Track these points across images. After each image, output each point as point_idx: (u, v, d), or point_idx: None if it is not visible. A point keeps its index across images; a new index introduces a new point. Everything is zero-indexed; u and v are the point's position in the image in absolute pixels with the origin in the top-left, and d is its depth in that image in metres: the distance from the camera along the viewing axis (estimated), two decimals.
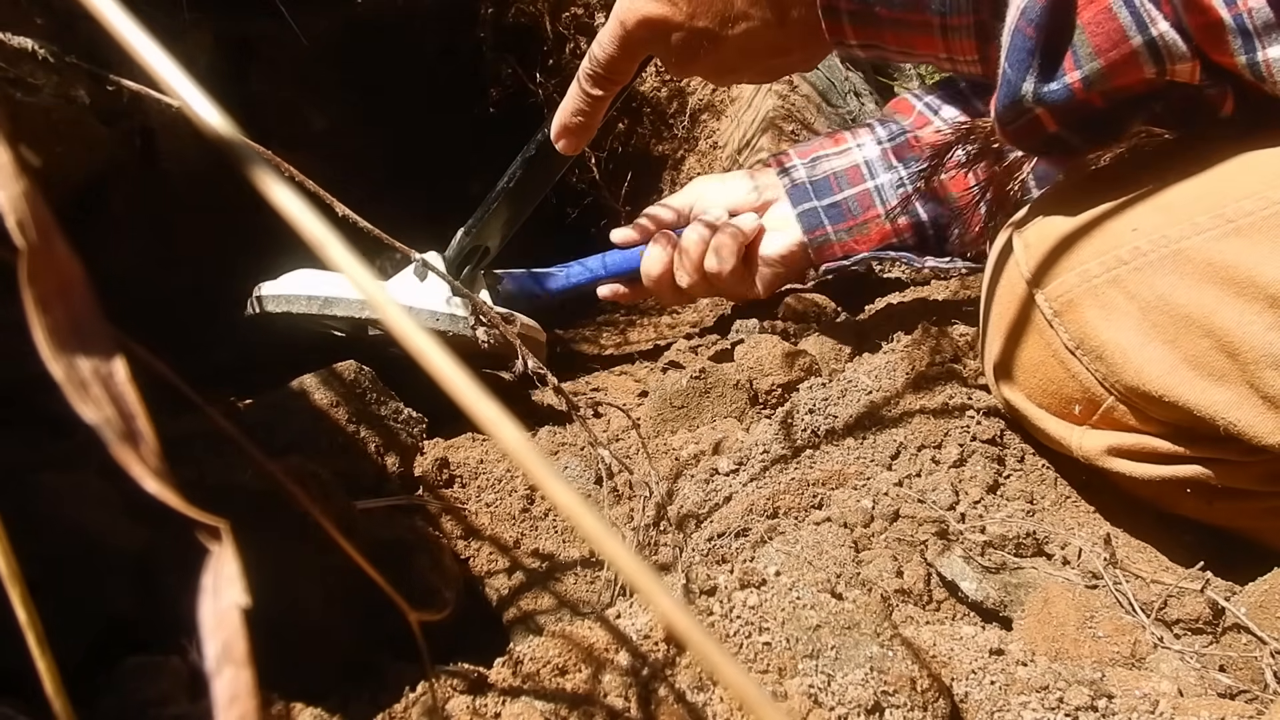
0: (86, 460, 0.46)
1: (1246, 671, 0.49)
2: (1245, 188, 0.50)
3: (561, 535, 0.67)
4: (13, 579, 0.18)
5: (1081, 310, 0.55)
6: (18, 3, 0.68)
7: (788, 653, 0.39)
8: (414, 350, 0.17)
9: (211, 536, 0.17)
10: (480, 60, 1.38)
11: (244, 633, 0.16)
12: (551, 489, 0.17)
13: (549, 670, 0.39)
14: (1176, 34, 0.49)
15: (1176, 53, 0.49)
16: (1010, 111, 0.55)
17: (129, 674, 0.35)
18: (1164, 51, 0.50)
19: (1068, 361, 0.58)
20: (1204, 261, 0.50)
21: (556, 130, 0.73)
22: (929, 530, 0.58)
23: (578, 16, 1.35)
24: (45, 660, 0.18)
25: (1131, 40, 0.50)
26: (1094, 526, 0.62)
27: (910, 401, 0.70)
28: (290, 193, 0.19)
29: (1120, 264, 0.54)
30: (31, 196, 0.17)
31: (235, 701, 0.16)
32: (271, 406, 0.66)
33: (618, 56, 0.66)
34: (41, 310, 0.16)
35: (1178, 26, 0.49)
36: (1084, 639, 0.49)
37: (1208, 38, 0.48)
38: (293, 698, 0.37)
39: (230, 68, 1.12)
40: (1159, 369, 0.52)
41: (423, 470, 0.71)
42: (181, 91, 0.20)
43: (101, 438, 0.16)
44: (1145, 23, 0.49)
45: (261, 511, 0.46)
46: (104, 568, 0.41)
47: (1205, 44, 0.48)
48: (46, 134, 0.71)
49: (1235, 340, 0.49)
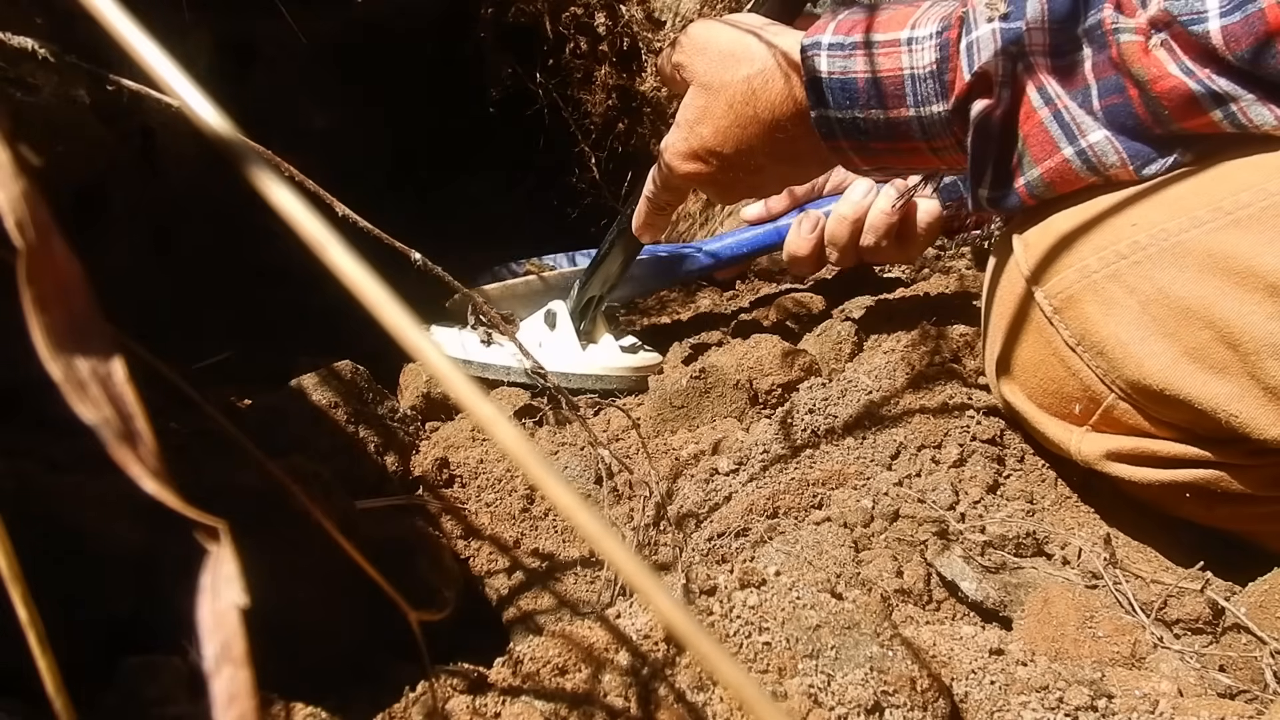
0: (87, 461, 0.46)
1: (1246, 671, 0.49)
2: (1243, 181, 0.50)
3: (561, 535, 0.67)
4: (13, 579, 0.18)
5: (1081, 306, 0.55)
6: (17, 3, 0.68)
7: (788, 653, 0.39)
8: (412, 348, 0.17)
9: (210, 537, 0.17)
10: (480, 60, 1.38)
11: (243, 632, 0.16)
12: (551, 489, 0.17)
13: (549, 670, 0.39)
14: (1108, 142, 0.54)
15: (1107, 161, 0.54)
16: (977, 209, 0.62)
17: (129, 674, 0.35)
18: (1095, 161, 0.55)
19: (1068, 359, 0.57)
20: (1203, 253, 0.50)
21: (636, 230, 0.88)
22: (929, 530, 0.58)
23: (578, 16, 1.35)
24: (45, 660, 0.18)
25: (1063, 150, 0.55)
26: (1094, 526, 0.62)
27: (910, 401, 0.70)
28: (290, 193, 0.19)
29: (1119, 259, 0.54)
30: (31, 197, 0.17)
31: (234, 701, 0.16)
32: (271, 407, 0.66)
33: (668, 194, 0.82)
34: (40, 310, 0.16)
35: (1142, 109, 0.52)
36: (1084, 639, 0.49)
37: (1177, 107, 0.51)
38: (293, 698, 0.37)
39: (230, 68, 1.12)
40: (1160, 363, 0.52)
41: (423, 470, 0.71)
42: (181, 91, 0.20)
43: (100, 438, 0.16)
44: (1074, 134, 0.55)
45: (261, 511, 0.46)
46: (104, 568, 0.42)
47: (1176, 114, 0.51)
48: (46, 134, 0.71)
49: (1236, 331, 0.49)
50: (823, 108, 0.64)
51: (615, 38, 1.36)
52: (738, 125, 0.70)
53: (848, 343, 0.87)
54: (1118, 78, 0.53)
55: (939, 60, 0.59)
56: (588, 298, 0.99)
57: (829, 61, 0.62)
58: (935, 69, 0.59)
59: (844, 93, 0.62)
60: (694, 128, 0.73)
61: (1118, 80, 0.53)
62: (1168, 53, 0.51)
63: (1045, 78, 0.55)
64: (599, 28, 1.35)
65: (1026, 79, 0.55)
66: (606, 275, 0.96)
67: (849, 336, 0.88)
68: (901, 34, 0.61)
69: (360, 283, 0.18)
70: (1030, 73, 0.55)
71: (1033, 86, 0.55)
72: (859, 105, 0.62)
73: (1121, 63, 0.52)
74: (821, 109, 0.64)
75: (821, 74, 0.63)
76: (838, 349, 0.87)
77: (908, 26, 0.61)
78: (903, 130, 0.62)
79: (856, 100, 0.62)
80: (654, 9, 1.36)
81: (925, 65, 0.59)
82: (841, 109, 0.63)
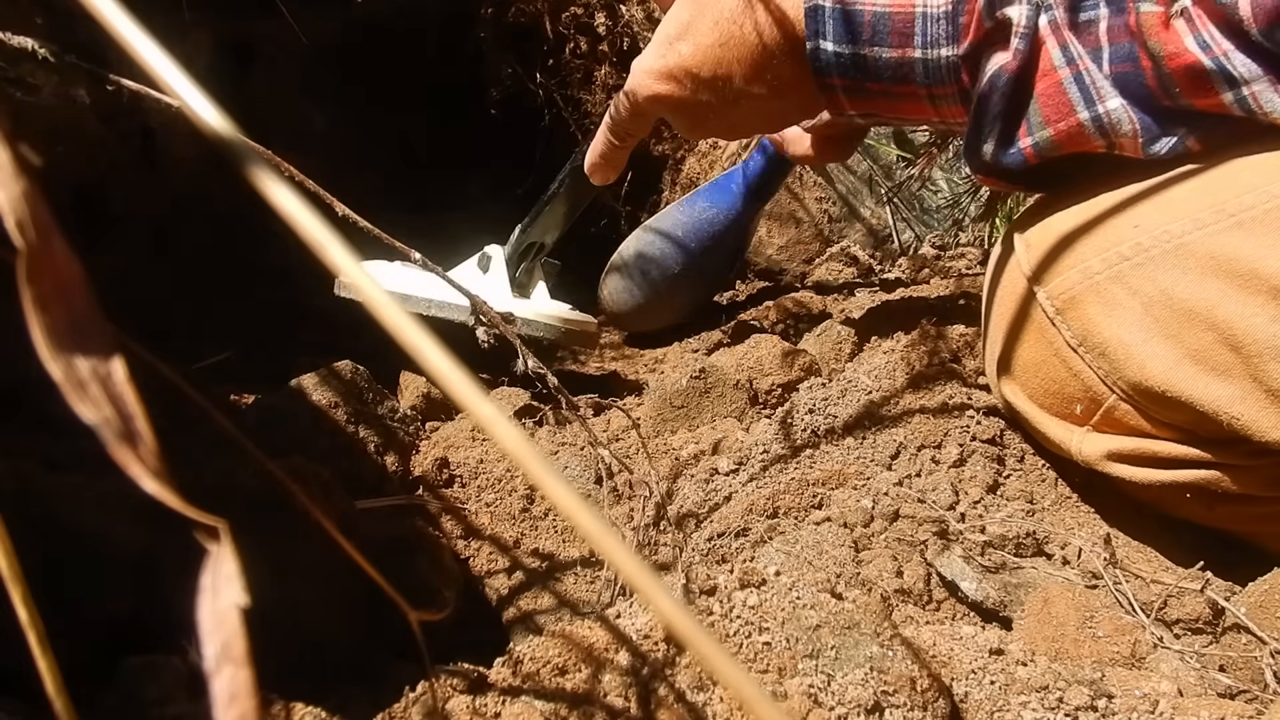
0: (87, 461, 0.46)
1: (1246, 671, 0.49)
2: (1246, 183, 0.50)
3: (561, 535, 0.67)
4: (13, 579, 0.18)
5: (1084, 307, 0.55)
6: (17, 3, 0.68)
7: (788, 653, 0.39)
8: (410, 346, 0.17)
9: (210, 536, 0.17)
10: (480, 60, 1.38)
11: (243, 632, 0.16)
12: (551, 489, 0.17)
13: (549, 670, 0.39)
14: (1124, 110, 0.52)
15: (1121, 130, 0.53)
16: (975, 165, 0.59)
17: (129, 674, 0.35)
18: (1109, 127, 0.53)
19: (1069, 359, 0.57)
20: (1206, 255, 0.50)
21: (588, 167, 0.79)
22: (929, 530, 0.58)
23: (578, 16, 1.35)
24: (45, 660, 0.18)
25: (1079, 114, 0.53)
26: (1094, 526, 0.62)
27: (910, 401, 0.70)
28: (289, 192, 0.19)
29: (1122, 260, 0.54)
30: (31, 196, 0.17)
31: (234, 701, 0.16)
32: (271, 407, 0.66)
33: (632, 121, 0.73)
34: (40, 310, 0.16)
35: (1153, 81, 0.51)
36: (1084, 639, 0.49)
37: (1189, 84, 0.50)
38: (293, 698, 0.37)
39: (230, 68, 1.12)
40: (1162, 364, 0.52)
41: (423, 470, 0.71)
42: (181, 91, 0.20)
43: (100, 438, 0.16)
44: (1093, 99, 0.53)
45: (262, 511, 0.46)
46: (104, 568, 0.41)
47: (1187, 91, 0.50)
48: (46, 134, 0.71)
49: (1238, 333, 0.49)
50: (820, 39, 0.59)
51: (615, 38, 1.36)
52: (720, 44, 0.63)
53: (848, 343, 0.87)
54: (1131, 45, 0.51)
55: (955, 1, 0.55)
56: (528, 243, 0.90)
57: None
58: (950, 9, 0.55)
59: (846, 25, 0.58)
60: (673, 44, 0.65)
61: (1131, 48, 0.51)
62: (1187, 24, 0.49)
63: (1068, 35, 0.53)
64: (599, 28, 1.35)
65: (1048, 33, 0.53)
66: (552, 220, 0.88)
67: (849, 336, 0.88)
68: None
69: (360, 282, 0.18)
70: (1053, 27, 0.53)
71: (1055, 42, 0.53)
72: (861, 40, 0.58)
73: (1139, 31, 0.51)
74: (818, 40, 0.59)
75: (824, 2, 0.58)
76: (838, 349, 0.87)
77: None
78: (904, 72, 0.58)
79: (859, 34, 0.58)
80: (654, 9, 1.36)
81: (940, 4, 0.56)
82: (840, 43, 0.58)
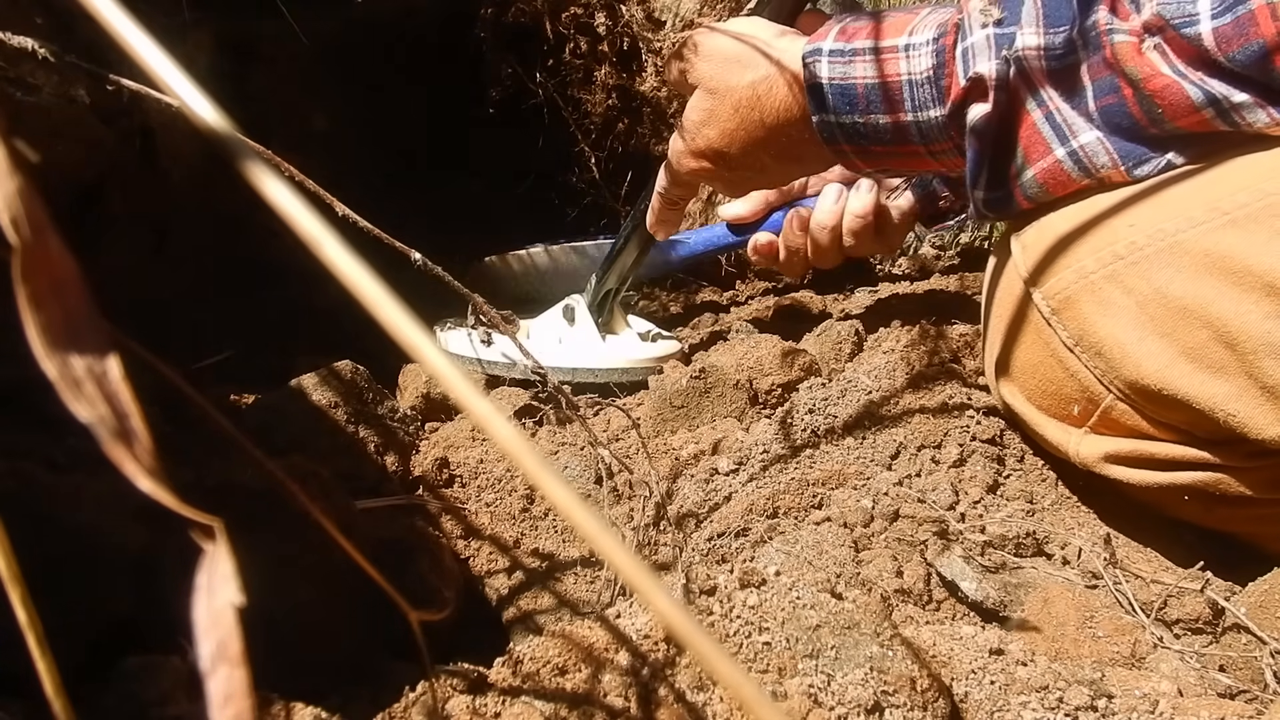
0: (87, 461, 0.46)
1: (1246, 671, 0.49)
2: (1239, 182, 0.50)
3: (561, 535, 0.67)
4: (13, 579, 0.18)
5: (1079, 307, 0.56)
6: (17, 3, 0.68)
7: (788, 653, 0.39)
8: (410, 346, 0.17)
9: (205, 535, 0.17)
10: (480, 60, 1.38)
11: (239, 631, 0.16)
12: (551, 489, 0.17)
13: (549, 670, 0.39)
14: (1099, 143, 0.54)
15: (1098, 162, 0.55)
16: (976, 209, 0.63)
17: (128, 674, 0.35)
18: (1085, 162, 0.55)
19: (1066, 360, 0.57)
20: (1200, 253, 0.50)
21: (650, 226, 0.92)
22: (929, 530, 0.58)
23: (578, 16, 1.35)
24: (45, 660, 0.18)
25: (1055, 152, 0.56)
26: (1094, 526, 0.62)
27: (910, 401, 0.70)
28: (289, 192, 0.19)
29: (1117, 259, 0.54)
30: (26, 194, 0.17)
31: (230, 700, 0.16)
32: (271, 407, 0.66)
33: (678, 189, 0.85)
34: (35, 308, 0.16)
35: (1136, 108, 0.53)
36: (1084, 639, 0.49)
37: (1171, 105, 0.51)
38: (292, 698, 0.37)
39: (231, 68, 1.12)
40: (1158, 363, 0.52)
41: (423, 470, 0.71)
42: (181, 91, 0.20)
43: (95, 436, 0.16)
44: (1066, 136, 0.55)
45: (261, 511, 0.46)
46: (104, 568, 0.41)
47: (1170, 112, 0.52)
48: (46, 134, 0.71)
49: (1233, 330, 0.49)
50: (824, 113, 0.65)
51: (615, 38, 1.36)
52: (743, 128, 0.72)
53: (848, 343, 0.87)
54: (1112, 78, 0.53)
55: (935, 66, 0.60)
56: (605, 290, 1.01)
57: (829, 68, 0.63)
58: (932, 74, 0.60)
59: (844, 98, 0.64)
60: (700, 129, 0.74)
61: (1112, 80, 0.53)
62: (1160, 56, 0.51)
63: (1040, 81, 0.55)
64: (599, 28, 1.35)
65: (1021, 83, 0.56)
66: (622, 268, 1.00)
67: (849, 336, 0.88)
68: (900, 40, 0.62)
69: (359, 282, 0.18)
70: (1024, 77, 0.56)
71: (1027, 90, 0.56)
72: (859, 110, 0.64)
73: (1115, 62, 0.53)
74: (823, 114, 0.65)
75: (822, 80, 0.64)
76: (838, 349, 0.87)
77: (905, 33, 0.62)
78: (902, 134, 0.63)
79: (856, 105, 0.64)
80: (654, 9, 1.36)
81: (922, 71, 0.60)
82: (842, 114, 0.64)
